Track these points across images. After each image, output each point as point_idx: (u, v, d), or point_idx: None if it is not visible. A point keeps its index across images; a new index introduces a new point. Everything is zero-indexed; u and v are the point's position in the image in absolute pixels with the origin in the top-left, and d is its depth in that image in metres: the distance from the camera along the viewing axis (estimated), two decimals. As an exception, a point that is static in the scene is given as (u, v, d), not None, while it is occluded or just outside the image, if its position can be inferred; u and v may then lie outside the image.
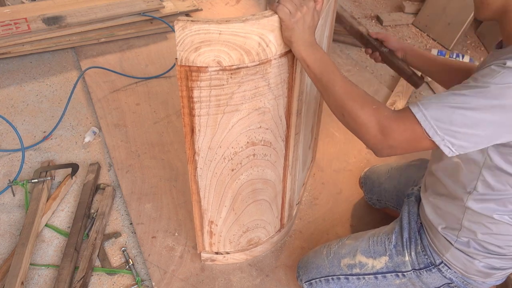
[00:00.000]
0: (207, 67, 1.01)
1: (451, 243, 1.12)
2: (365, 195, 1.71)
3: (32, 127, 2.11)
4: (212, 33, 0.96)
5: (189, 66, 1.01)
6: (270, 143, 1.24)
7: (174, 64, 2.38)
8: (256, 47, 1.00)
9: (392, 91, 2.30)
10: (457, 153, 0.88)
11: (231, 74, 1.04)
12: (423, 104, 0.87)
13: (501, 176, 0.96)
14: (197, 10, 2.76)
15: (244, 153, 1.22)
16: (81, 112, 2.18)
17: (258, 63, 1.03)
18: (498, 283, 1.20)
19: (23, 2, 2.77)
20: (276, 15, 0.98)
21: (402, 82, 2.32)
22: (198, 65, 1.01)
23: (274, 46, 1.02)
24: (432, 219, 1.17)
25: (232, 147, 1.20)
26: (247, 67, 1.03)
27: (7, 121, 1.94)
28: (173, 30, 2.56)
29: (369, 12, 3.14)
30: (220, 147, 1.18)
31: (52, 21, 2.40)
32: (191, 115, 1.10)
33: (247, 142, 1.20)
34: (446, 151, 0.88)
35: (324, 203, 1.80)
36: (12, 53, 2.40)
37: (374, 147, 0.92)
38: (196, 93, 1.06)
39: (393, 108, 2.13)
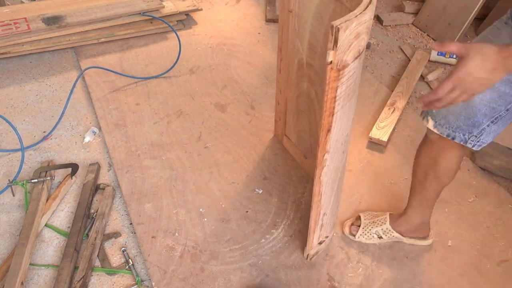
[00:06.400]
0: (353, 61, 1.03)
1: None
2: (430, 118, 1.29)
3: (32, 127, 2.10)
4: (362, 24, 0.97)
5: (343, 66, 1.01)
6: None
7: (174, 64, 2.40)
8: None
9: (392, 91, 2.30)
10: None
11: (360, 57, 1.06)
12: None
13: None
14: (197, 10, 2.76)
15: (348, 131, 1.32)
16: (81, 112, 2.18)
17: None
18: None
19: (22, 2, 2.77)
20: None
21: (402, 82, 2.32)
22: (348, 62, 1.01)
23: None
24: None
25: (346, 129, 1.27)
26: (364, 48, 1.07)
27: (7, 121, 1.94)
28: (173, 30, 2.56)
29: (369, 12, 3.13)
30: (342, 134, 1.22)
31: (52, 21, 2.40)
32: (331, 115, 1.11)
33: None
34: None
35: (324, 203, 1.80)
36: (11, 53, 2.40)
37: None
38: (338, 91, 1.07)
39: (393, 109, 2.14)
